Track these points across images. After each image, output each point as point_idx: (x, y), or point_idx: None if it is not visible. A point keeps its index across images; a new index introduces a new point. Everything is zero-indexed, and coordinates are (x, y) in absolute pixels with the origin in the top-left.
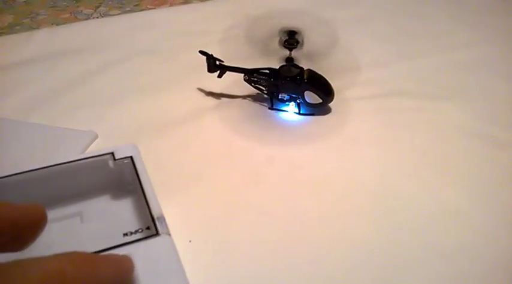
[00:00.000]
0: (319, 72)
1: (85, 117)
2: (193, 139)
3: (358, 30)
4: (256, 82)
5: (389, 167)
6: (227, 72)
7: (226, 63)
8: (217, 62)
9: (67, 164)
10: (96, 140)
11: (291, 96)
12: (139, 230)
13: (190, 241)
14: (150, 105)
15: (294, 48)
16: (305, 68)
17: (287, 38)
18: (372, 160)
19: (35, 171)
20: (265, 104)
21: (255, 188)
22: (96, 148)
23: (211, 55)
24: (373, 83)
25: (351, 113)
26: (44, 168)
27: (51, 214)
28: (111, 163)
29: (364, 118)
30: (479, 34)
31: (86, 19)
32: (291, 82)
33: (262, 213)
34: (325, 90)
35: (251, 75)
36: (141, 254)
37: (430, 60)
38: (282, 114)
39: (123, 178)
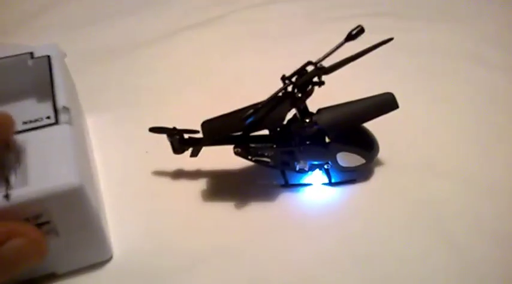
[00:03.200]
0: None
1: (56, 39)
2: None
3: None
4: (256, 155)
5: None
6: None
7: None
8: (187, 135)
9: None
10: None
11: (313, 164)
12: (40, 119)
13: (147, 152)
14: (120, 28)
15: (309, 93)
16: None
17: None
18: None
19: None
20: (272, 180)
21: None
22: None
23: (174, 129)
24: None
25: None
26: None
27: None
28: (30, 62)
29: None
30: None
31: None
32: (315, 146)
33: None
34: (366, 143)
35: (246, 146)
36: (37, 142)
37: None
38: (303, 192)
39: (42, 78)
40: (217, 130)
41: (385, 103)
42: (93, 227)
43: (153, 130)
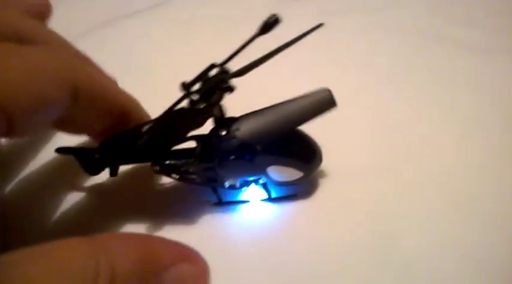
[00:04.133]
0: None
1: None
2: None
3: None
4: (179, 172)
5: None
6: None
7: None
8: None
9: None
10: None
11: (245, 181)
12: None
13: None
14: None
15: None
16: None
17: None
18: None
19: None
20: (205, 197)
21: None
22: None
23: (86, 150)
24: None
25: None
26: None
27: None
28: None
29: None
30: None
31: None
32: (238, 161)
33: None
34: (304, 152)
35: (163, 164)
36: None
37: None
38: (239, 210)
39: None
40: (116, 152)
41: (320, 102)
42: None
43: (61, 151)
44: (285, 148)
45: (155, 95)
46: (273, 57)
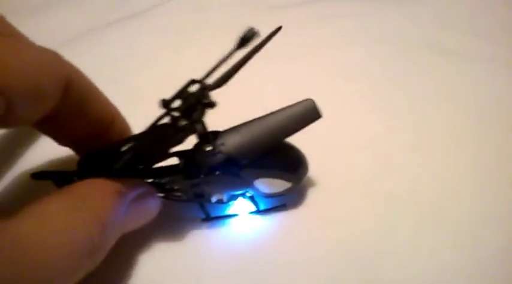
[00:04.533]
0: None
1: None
2: None
3: None
4: (163, 190)
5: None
6: None
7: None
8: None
9: None
10: None
11: (232, 195)
12: None
13: None
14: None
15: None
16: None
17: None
18: None
19: None
20: (192, 213)
21: None
22: None
23: (64, 173)
24: None
25: None
26: None
27: None
28: None
29: None
30: None
31: None
32: (224, 176)
33: None
34: (289, 162)
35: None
36: None
37: None
38: (228, 224)
39: None
40: (94, 173)
41: (305, 114)
42: None
43: (38, 176)
44: (271, 160)
45: (138, 105)
46: (246, 64)
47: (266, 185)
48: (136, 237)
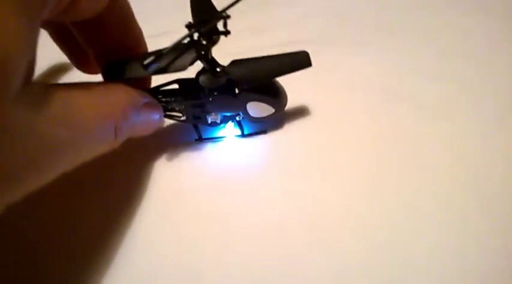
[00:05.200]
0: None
1: None
2: None
3: None
4: (166, 109)
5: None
6: None
7: None
8: None
9: None
10: None
11: (225, 116)
12: None
13: None
14: None
15: (215, 41)
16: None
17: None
18: None
19: None
20: (187, 135)
21: None
22: None
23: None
24: None
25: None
26: None
27: None
28: None
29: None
30: None
31: None
32: (224, 96)
33: None
34: (273, 91)
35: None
36: None
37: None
38: (218, 144)
39: None
40: (120, 74)
41: (299, 61)
42: None
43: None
44: (262, 88)
45: None
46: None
47: (255, 110)
48: (149, 154)
